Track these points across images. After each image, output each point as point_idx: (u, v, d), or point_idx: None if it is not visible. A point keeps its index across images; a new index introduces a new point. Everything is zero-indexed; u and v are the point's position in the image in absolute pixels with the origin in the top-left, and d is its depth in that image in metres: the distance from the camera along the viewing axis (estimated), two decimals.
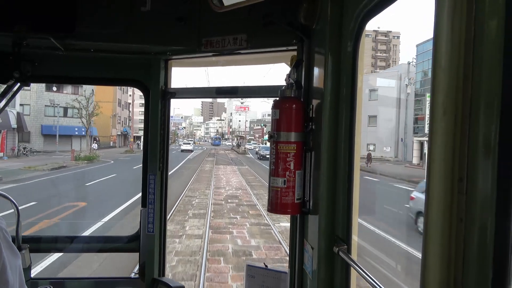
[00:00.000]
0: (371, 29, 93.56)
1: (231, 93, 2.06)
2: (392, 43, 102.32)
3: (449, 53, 0.70)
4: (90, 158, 29.77)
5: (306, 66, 1.59)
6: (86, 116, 36.08)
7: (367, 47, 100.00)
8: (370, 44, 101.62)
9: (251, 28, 1.78)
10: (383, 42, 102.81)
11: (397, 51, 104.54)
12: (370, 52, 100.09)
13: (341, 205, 1.33)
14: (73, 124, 39.73)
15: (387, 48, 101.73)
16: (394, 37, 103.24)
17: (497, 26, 0.64)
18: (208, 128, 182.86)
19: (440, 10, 0.71)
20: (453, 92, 0.70)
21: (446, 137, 0.71)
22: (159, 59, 2.12)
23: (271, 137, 1.50)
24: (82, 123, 36.30)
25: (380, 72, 61.64)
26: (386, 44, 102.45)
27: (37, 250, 2.20)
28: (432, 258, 0.72)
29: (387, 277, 6.64)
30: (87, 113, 36.02)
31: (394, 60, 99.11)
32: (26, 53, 1.82)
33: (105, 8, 1.89)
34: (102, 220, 10.56)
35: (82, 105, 35.12)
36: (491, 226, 0.64)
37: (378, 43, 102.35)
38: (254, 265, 1.77)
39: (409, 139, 30.65)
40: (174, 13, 1.87)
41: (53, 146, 35.65)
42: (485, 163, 0.65)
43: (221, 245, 8.82)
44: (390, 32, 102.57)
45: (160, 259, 2.21)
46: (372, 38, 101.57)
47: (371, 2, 1.12)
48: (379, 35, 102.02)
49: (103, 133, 51.81)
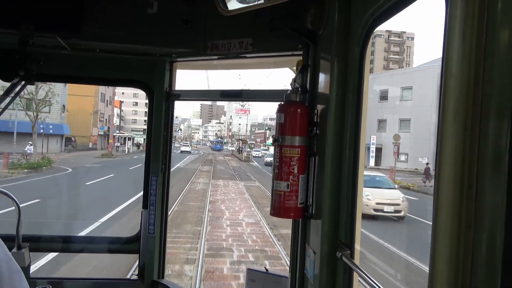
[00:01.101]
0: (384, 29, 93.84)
1: (235, 96, 2.19)
2: (406, 44, 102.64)
3: (460, 59, 0.75)
4: (35, 166, 23.32)
5: (312, 71, 1.70)
6: (33, 107, 28.04)
7: (378, 48, 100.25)
8: (382, 45, 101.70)
9: (257, 33, 1.90)
10: (396, 43, 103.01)
11: (411, 53, 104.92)
12: (382, 54, 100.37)
13: (345, 210, 1.42)
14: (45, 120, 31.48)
15: (400, 50, 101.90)
16: (408, 38, 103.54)
17: (508, 33, 0.69)
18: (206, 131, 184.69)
19: (451, 17, 0.76)
20: (464, 99, 0.75)
21: (456, 143, 0.76)
22: (165, 61, 2.27)
23: (276, 140, 1.62)
24: (30, 117, 27.78)
25: (415, 67, 56.19)
26: (400, 46, 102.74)
27: (36, 249, 2.34)
28: (440, 263, 0.76)
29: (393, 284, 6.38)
30: (34, 102, 28.03)
31: (408, 63, 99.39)
32: (32, 52, 1.94)
33: (112, 9, 2.03)
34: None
35: (29, 92, 27.04)
36: (500, 232, 0.68)
37: (391, 44, 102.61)
38: (255, 269, 1.89)
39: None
40: (180, 16, 2.00)
41: (9, 146, 28.46)
42: (495, 170, 0.70)
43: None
44: (404, 33, 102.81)
45: (160, 261, 2.34)
46: (384, 38, 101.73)
47: (380, 9, 1.21)
48: (392, 35, 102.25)
49: (81, 132, 48.29)
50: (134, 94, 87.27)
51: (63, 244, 2.48)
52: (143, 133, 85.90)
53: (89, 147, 49.27)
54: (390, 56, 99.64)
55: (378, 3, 1.19)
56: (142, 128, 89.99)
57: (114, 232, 9.80)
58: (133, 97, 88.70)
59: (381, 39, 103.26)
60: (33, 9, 1.85)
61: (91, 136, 51.34)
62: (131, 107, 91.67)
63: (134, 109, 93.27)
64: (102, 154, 40.91)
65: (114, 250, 2.50)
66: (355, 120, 1.39)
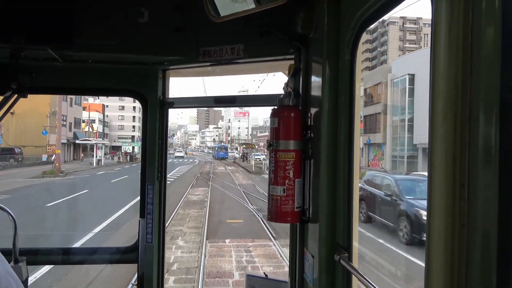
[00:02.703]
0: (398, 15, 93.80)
1: (229, 102, 2.42)
2: (423, 32, 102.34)
3: (447, 60, 0.83)
4: None
5: (304, 74, 1.89)
6: None
7: (392, 37, 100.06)
8: (396, 33, 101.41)
9: (248, 38, 2.11)
10: (412, 31, 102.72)
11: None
12: (397, 43, 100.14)
13: (341, 212, 1.57)
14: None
15: (417, 38, 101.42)
16: (425, 25, 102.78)
17: (494, 32, 0.76)
18: (204, 137, 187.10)
19: (437, 17, 0.85)
20: (452, 99, 0.83)
21: (446, 143, 0.83)
22: (157, 69, 2.50)
23: (270, 145, 1.80)
24: None
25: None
26: (416, 34, 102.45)
27: (34, 262, 2.55)
28: (435, 264, 0.83)
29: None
30: None
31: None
32: (24, 64, 2.16)
33: (103, 19, 2.24)
34: None
35: None
36: (493, 231, 0.74)
37: (406, 32, 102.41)
38: (254, 274, 2.08)
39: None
40: (171, 24, 2.21)
41: None
42: (486, 169, 0.76)
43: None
44: (421, 19, 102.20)
45: (159, 271, 2.55)
46: (398, 26, 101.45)
47: (368, 11, 1.35)
48: (407, 22, 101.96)
49: (33, 140, 40.75)
50: (120, 98, 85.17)
51: (60, 257, 2.69)
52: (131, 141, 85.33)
53: (42, 161, 39.28)
54: (406, 46, 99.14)
55: (367, 5, 1.35)
56: (130, 135, 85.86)
57: None
58: (119, 100, 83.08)
59: (395, 26, 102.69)
60: (24, 21, 2.06)
61: (48, 145, 41.63)
62: (116, 112, 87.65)
63: (120, 114, 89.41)
64: (42, 172, 29.71)
65: (113, 261, 2.71)
66: (348, 122, 1.55)
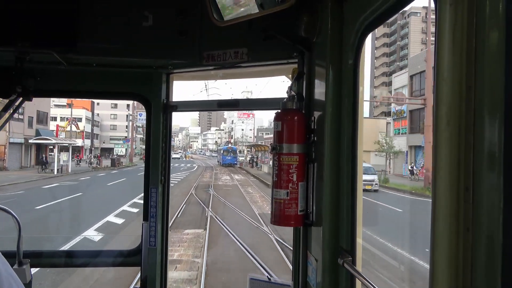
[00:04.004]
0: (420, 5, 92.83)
1: (232, 105, 2.55)
2: None
3: (451, 64, 0.88)
4: None
5: (307, 78, 1.99)
6: None
7: (414, 29, 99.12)
8: (418, 25, 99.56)
9: (251, 42, 2.22)
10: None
11: None
12: (419, 36, 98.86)
13: (345, 216, 1.65)
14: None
15: None
16: None
17: (497, 37, 0.80)
18: (206, 139, 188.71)
19: (441, 22, 0.89)
20: (456, 103, 0.87)
21: (451, 147, 0.88)
22: (161, 73, 2.64)
23: (274, 149, 1.90)
24: None
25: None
26: None
27: (38, 265, 2.68)
28: (440, 267, 0.88)
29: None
30: None
31: None
32: (29, 68, 2.28)
33: (107, 23, 2.37)
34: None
35: None
36: (498, 234, 0.78)
37: (430, 24, 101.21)
38: (257, 278, 2.17)
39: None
40: (175, 28, 2.34)
41: None
42: (491, 172, 0.80)
43: None
44: None
45: (162, 274, 2.67)
46: (421, 17, 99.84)
47: (371, 15, 1.42)
48: (431, 13, 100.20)
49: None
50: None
51: (64, 259, 2.83)
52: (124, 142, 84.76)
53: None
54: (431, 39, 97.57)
55: (370, 9, 1.43)
56: (123, 136, 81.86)
57: None
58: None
59: (417, 18, 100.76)
60: (29, 25, 2.18)
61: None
62: (109, 110, 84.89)
63: (113, 112, 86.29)
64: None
65: (116, 264, 2.85)
66: (351, 125, 1.63)
